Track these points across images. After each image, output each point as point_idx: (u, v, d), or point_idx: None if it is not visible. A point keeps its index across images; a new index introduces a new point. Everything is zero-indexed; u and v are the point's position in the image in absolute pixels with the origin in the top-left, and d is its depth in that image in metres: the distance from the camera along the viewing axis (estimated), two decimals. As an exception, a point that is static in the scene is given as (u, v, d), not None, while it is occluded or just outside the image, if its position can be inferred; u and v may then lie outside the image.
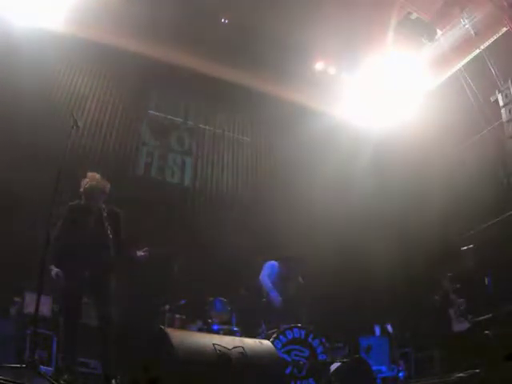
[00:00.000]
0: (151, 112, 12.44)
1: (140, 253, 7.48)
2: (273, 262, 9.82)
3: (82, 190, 7.38)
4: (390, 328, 10.63)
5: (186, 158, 12.50)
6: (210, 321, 8.71)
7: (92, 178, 7.44)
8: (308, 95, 13.06)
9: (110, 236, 6.99)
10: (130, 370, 6.20)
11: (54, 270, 6.87)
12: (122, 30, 11.10)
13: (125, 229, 7.56)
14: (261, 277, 9.59)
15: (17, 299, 8.38)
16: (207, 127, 13.01)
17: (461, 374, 5.70)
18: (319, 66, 12.62)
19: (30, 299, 7.99)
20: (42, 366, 6.41)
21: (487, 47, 10.73)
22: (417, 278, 10.87)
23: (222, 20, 11.65)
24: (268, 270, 9.70)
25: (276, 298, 9.18)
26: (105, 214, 7.20)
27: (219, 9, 11.49)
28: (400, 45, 11.48)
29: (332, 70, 12.72)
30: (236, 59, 12.33)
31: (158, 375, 5.39)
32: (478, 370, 5.80)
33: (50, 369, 7.46)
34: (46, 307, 8.10)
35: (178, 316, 9.11)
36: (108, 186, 7.54)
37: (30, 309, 7.79)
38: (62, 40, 10.51)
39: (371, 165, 12.68)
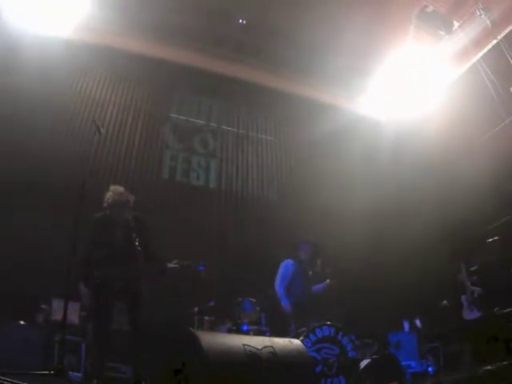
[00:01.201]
0: (173, 115, 12.42)
1: (170, 265, 7.43)
2: (288, 261, 9.71)
3: (105, 204, 7.29)
4: (418, 323, 10.58)
5: (211, 160, 12.46)
6: (239, 321, 8.66)
7: (115, 192, 7.36)
8: (330, 91, 13.04)
9: (139, 248, 6.93)
10: (160, 374, 6.17)
11: (83, 289, 6.92)
12: (140, 34, 11.18)
13: (152, 235, 7.54)
14: (275, 284, 9.48)
15: (44, 306, 8.42)
16: (230, 128, 12.97)
17: (489, 367, 5.62)
18: (340, 61, 12.53)
19: (57, 306, 8.02)
20: (70, 373, 6.43)
21: (504, 37, 10.57)
22: (440, 271, 10.75)
23: (240, 21, 11.60)
24: (283, 272, 9.57)
25: (286, 306, 9.08)
26: (132, 225, 7.15)
27: (237, 9, 11.46)
28: (418, 38, 11.38)
29: (353, 65, 12.63)
30: (256, 59, 12.36)
31: (189, 378, 5.35)
32: (505, 363, 5.71)
33: (79, 375, 7.48)
34: (74, 313, 8.10)
35: (207, 318, 9.09)
36: (132, 198, 7.42)
37: (57, 315, 7.81)
38: (79, 47, 10.57)
39: (394, 157, 12.59)
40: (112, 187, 7.42)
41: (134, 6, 10.70)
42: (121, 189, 7.43)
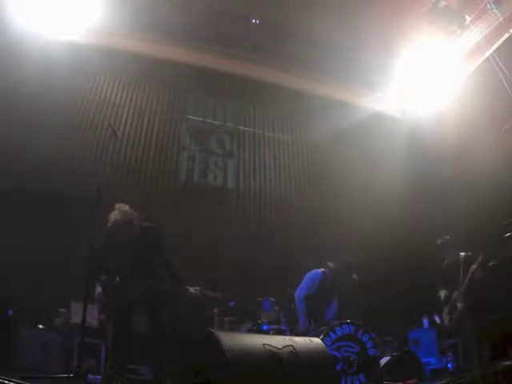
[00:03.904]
0: (189, 117, 12.38)
1: (191, 290, 7.40)
2: (316, 272, 9.40)
3: (109, 224, 7.20)
4: (438, 319, 10.49)
5: (228, 160, 12.42)
6: (259, 321, 8.67)
7: (120, 211, 7.28)
8: (345, 88, 13.01)
9: (156, 261, 6.91)
10: (181, 375, 6.15)
11: (101, 292, 6.92)
12: (153, 37, 11.20)
13: (166, 249, 7.51)
14: (296, 295, 9.18)
15: (62, 310, 8.42)
16: (247, 128, 12.92)
17: (507, 363, 5.54)
18: (355, 59, 12.46)
19: (76, 309, 8.01)
20: (90, 375, 6.42)
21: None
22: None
23: (253, 21, 11.56)
24: (309, 283, 9.22)
25: (303, 323, 8.77)
26: (144, 238, 7.11)
27: (250, 10, 11.42)
28: (432, 34, 11.34)
29: (367, 62, 12.56)
30: (271, 59, 12.37)
31: (209, 379, 5.32)
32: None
33: (99, 377, 7.47)
34: (93, 316, 8.09)
35: (227, 318, 9.07)
36: (136, 216, 7.32)
37: (76, 319, 7.81)
38: (91, 51, 10.62)
39: (410, 152, 12.55)
40: (117, 205, 7.33)
41: (147, 8, 10.68)
42: (126, 207, 7.34)
